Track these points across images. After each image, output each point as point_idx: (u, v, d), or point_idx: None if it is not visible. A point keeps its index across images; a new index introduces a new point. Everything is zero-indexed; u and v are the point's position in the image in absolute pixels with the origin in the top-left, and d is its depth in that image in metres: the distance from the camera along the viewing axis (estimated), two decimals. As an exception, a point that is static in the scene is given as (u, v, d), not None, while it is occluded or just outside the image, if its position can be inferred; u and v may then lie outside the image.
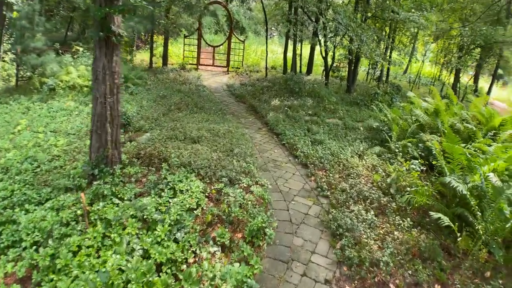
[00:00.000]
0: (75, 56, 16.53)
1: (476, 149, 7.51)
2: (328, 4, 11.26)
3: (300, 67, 20.06)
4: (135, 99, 12.04)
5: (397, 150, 8.54)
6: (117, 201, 5.38)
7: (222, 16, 31.67)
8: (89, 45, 19.02)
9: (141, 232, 4.71)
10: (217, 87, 15.66)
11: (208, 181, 6.37)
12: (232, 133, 9.01)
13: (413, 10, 15.88)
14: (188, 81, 15.34)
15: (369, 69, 21.40)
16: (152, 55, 17.38)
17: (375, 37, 13.75)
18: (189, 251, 4.55)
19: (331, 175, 7.22)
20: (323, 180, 6.99)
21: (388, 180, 7.03)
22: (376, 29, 14.63)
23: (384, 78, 20.29)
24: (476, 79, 22.83)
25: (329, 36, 11.22)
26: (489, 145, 7.59)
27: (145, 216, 4.94)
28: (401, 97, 16.14)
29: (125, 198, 5.50)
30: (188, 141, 8.33)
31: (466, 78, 25.02)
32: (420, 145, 8.80)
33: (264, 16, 18.05)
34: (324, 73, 19.54)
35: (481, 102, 10.57)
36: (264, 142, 9.27)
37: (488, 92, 21.59)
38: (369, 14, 15.38)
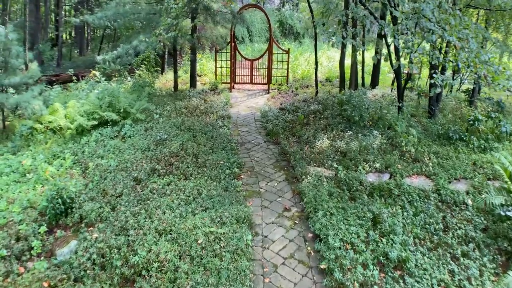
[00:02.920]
0: (87, 84, 13.20)
1: None
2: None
3: (363, 78, 14.71)
4: (120, 148, 8.03)
5: None
6: None
7: (274, 21, 27.07)
8: (114, 68, 15.69)
9: None
10: (247, 116, 11.12)
11: None
12: (222, 245, 4.41)
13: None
14: (211, 109, 11.04)
15: (454, 75, 15.14)
16: (176, 76, 13.41)
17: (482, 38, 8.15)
18: None
19: None
20: None
21: None
22: (481, 25, 9.00)
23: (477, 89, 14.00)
24: None
25: (403, 40, 6.02)
26: None
27: None
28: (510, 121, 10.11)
29: None
30: (122, 273, 3.97)
31: None
32: None
33: (311, 18, 13.09)
34: (396, 89, 14.06)
35: None
36: (283, 259, 4.50)
37: None
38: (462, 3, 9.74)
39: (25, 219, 5.44)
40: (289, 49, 14.50)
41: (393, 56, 9.85)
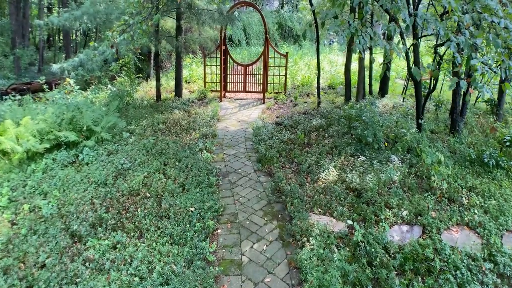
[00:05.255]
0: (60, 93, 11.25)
1: None
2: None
3: (370, 85, 12.74)
4: (70, 181, 6.08)
5: None
6: None
7: (273, 23, 25.09)
8: (93, 74, 13.74)
9: None
10: (236, 133, 9.15)
11: None
12: None
13: None
14: (194, 124, 9.08)
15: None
16: (158, 84, 11.45)
17: None
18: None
19: None
20: None
21: None
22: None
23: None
24: None
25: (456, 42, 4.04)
26: None
27: None
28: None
29: None
30: None
31: None
32: None
33: (313, 18, 11.12)
34: (412, 99, 12.09)
35: None
36: None
37: None
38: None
39: None
40: (287, 53, 12.51)
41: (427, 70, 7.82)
